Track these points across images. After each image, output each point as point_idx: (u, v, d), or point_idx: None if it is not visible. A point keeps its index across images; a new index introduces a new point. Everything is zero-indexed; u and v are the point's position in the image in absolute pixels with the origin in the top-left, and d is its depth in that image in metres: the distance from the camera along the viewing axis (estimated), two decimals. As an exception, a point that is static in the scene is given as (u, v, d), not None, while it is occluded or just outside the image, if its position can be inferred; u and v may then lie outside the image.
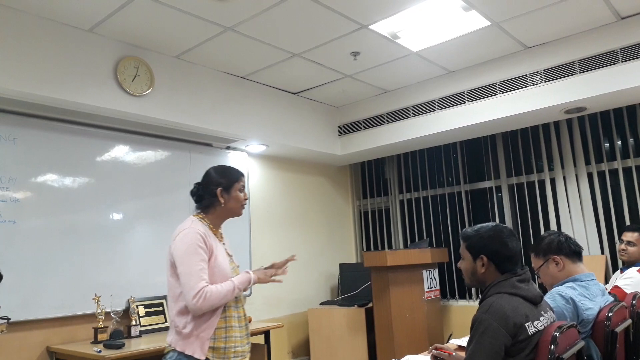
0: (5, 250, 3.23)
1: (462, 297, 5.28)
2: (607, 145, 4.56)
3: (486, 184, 5.22)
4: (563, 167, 4.68)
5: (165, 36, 3.64)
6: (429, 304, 4.59)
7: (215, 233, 2.19)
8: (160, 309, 3.91)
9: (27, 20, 3.20)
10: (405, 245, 5.70)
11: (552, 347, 1.59)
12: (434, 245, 5.37)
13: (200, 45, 3.80)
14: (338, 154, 5.41)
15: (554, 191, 4.74)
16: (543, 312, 1.74)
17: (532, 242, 2.83)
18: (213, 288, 2.02)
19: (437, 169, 5.60)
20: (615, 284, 3.14)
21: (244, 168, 4.60)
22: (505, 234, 1.83)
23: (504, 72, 4.27)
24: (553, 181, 4.75)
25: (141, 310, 3.77)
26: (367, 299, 4.80)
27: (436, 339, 4.43)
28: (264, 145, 4.85)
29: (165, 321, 3.88)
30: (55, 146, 3.57)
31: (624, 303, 2.27)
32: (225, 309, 2.10)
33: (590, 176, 4.56)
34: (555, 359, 1.59)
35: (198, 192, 2.22)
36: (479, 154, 5.32)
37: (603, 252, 4.42)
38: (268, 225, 5.09)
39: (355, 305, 4.79)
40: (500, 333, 1.60)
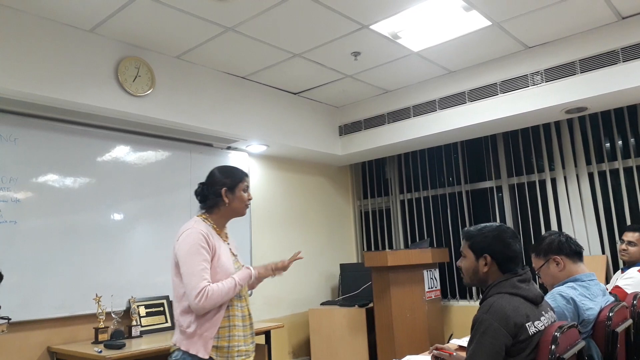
0: (6, 250, 3.24)
1: (463, 297, 5.28)
2: (608, 145, 4.56)
3: (487, 184, 5.22)
4: (564, 167, 4.68)
5: (166, 36, 3.64)
6: (430, 304, 4.59)
7: (219, 233, 2.21)
8: (161, 309, 3.92)
9: (28, 21, 3.20)
10: (406, 245, 5.70)
11: (553, 347, 1.59)
12: (435, 245, 5.37)
13: (201, 45, 3.80)
14: (339, 154, 5.42)
15: (554, 191, 4.73)
16: (544, 312, 1.75)
17: (533, 242, 2.83)
18: (214, 286, 2.03)
19: (438, 169, 5.59)
20: (616, 284, 3.14)
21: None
22: (509, 234, 1.84)
23: (505, 72, 4.27)
24: (554, 181, 4.75)
25: (142, 311, 3.77)
26: (368, 299, 4.80)
27: (437, 339, 4.43)
28: (264, 146, 4.85)
29: (166, 321, 3.89)
30: (56, 146, 3.57)
31: (624, 303, 2.27)
32: (228, 308, 2.11)
33: (591, 176, 4.55)
34: (555, 359, 1.59)
35: (202, 192, 2.23)
36: (479, 154, 5.31)
37: (604, 252, 4.42)
38: (268, 225, 5.09)
39: (356, 306, 4.79)
40: (501, 333, 1.60)
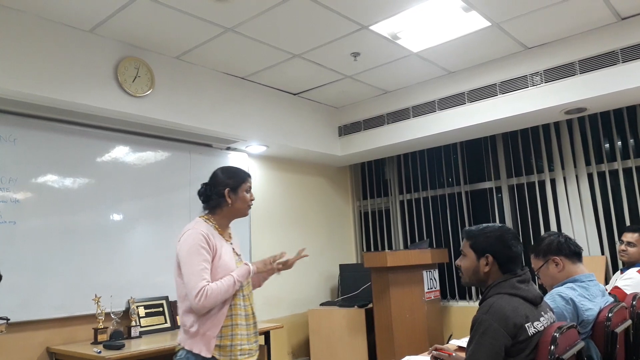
0: (5, 250, 3.23)
1: (462, 298, 5.28)
2: (607, 145, 4.56)
3: (486, 185, 5.22)
4: (563, 168, 4.68)
5: (166, 37, 3.64)
6: (429, 305, 4.59)
7: (221, 233, 2.23)
8: (160, 309, 3.91)
9: (28, 21, 3.20)
10: (406, 246, 5.69)
11: (552, 348, 1.59)
12: (434, 246, 5.37)
13: (201, 46, 3.80)
14: (338, 154, 5.42)
15: (554, 192, 4.73)
16: (543, 313, 1.75)
17: (532, 243, 2.83)
18: (213, 285, 2.04)
19: (437, 169, 5.60)
20: (615, 284, 3.14)
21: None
22: (511, 235, 1.85)
23: (504, 73, 4.27)
24: (553, 182, 4.75)
25: (141, 311, 3.77)
26: (367, 299, 4.80)
27: (436, 340, 4.43)
28: (264, 146, 4.85)
29: (165, 322, 3.89)
30: (56, 147, 3.57)
31: (624, 304, 2.27)
32: (231, 307, 2.12)
33: (590, 177, 4.56)
34: (555, 359, 1.59)
35: (206, 193, 2.25)
36: (479, 155, 5.31)
37: (603, 253, 4.42)
38: (268, 225, 5.09)
39: (355, 306, 4.79)
40: (500, 334, 1.61)
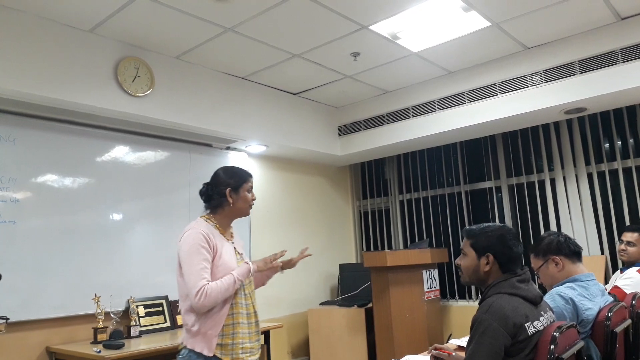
0: (5, 250, 3.23)
1: (462, 298, 5.29)
2: (607, 145, 4.56)
3: (486, 184, 5.23)
4: (563, 168, 4.68)
5: (166, 37, 3.64)
6: (429, 304, 4.59)
7: (223, 233, 2.23)
8: (160, 309, 3.91)
9: (28, 21, 3.20)
10: (405, 246, 5.70)
11: (552, 347, 1.59)
12: (434, 246, 5.37)
13: (201, 45, 3.80)
14: (338, 154, 5.42)
15: (553, 191, 4.73)
16: (543, 313, 1.75)
17: (532, 243, 2.83)
18: (213, 284, 2.05)
19: (437, 169, 5.60)
20: (614, 284, 3.14)
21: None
22: (511, 235, 1.85)
23: (504, 73, 4.28)
24: (553, 181, 4.75)
25: (141, 311, 3.77)
26: (367, 299, 4.80)
27: (436, 339, 4.43)
28: (264, 146, 4.85)
29: (165, 321, 3.89)
30: (55, 146, 3.57)
31: (623, 303, 2.27)
32: (232, 306, 2.13)
33: (590, 176, 4.56)
34: (554, 359, 1.59)
35: (207, 192, 2.26)
36: (479, 155, 5.32)
37: (603, 253, 4.42)
38: (268, 225, 5.09)
39: (355, 306, 4.79)
40: (500, 333, 1.61)
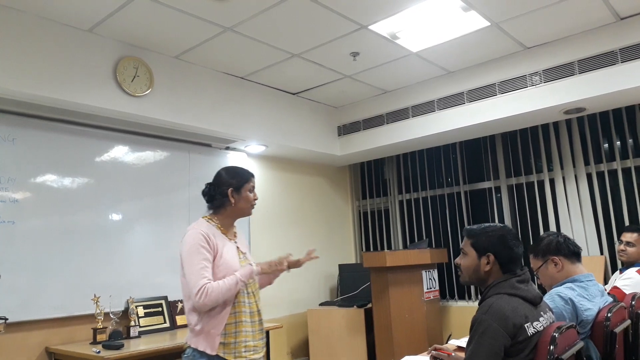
0: (4, 250, 3.23)
1: (462, 298, 5.28)
2: (606, 145, 4.56)
3: (485, 185, 5.23)
4: (562, 168, 4.68)
5: (165, 36, 3.64)
6: (428, 305, 4.59)
7: (225, 232, 2.25)
8: (160, 309, 3.91)
9: (27, 21, 3.20)
10: (405, 246, 5.69)
11: (551, 348, 1.59)
12: (434, 246, 5.37)
13: (200, 45, 3.80)
14: (337, 154, 5.41)
15: (553, 192, 4.74)
16: (542, 313, 1.75)
17: (531, 243, 2.83)
18: (214, 284, 2.06)
19: (437, 169, 5.60)
20: (614, 284, 3.14)
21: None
22: (512, 236, 1.86)
23: (504, 73, 4.27)
24: (552, 182, 4.75)
25: (140, 311, 3.76)
26: (367, 299, 4.80)
27: (435, 340, 4.43)
28: (263, 146, 4.85)
29: (165, 322, 3.89)
30: (55, 146, 3.57)
31: (623, 304, 2.27)
32: (235, 304, 2.15)
33: (589, 177, 4.56)
34: (554, 359, 1.59)
35: (210, 192, 2.28)
36: (478, 155, 5.32)
37: (602, 253, 4.42)
38: (267, 225, 5.09)
39: (355, 306, 4.79)
40: (500, 334, 1.61)
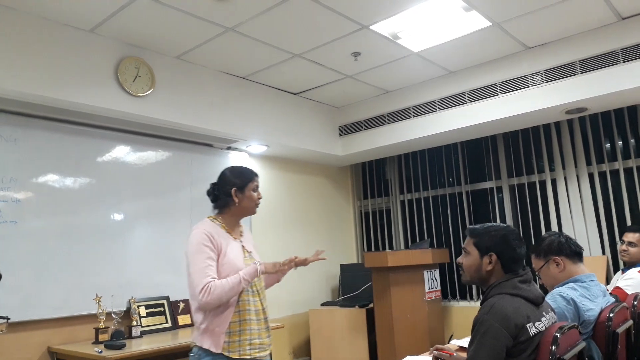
0: (6, 250, 3.23)
1: (463, 298, 5.28)
2: (608, 145, 4.56)
3: (487, 185, 5.22)
4: (564, 168, 4.68)
5: (166, 37, 3.64)
6: (430, 305, 4.59)
7: (230, 232, 2.27)
8: (162, 309, 3.92)
9: (29, 21, 3.20)
10: (406, 246, 5.69)
11: (553, 348, 1.59)
12: (435, 246, 5.37)
13: (201, 45, 3.80)
14: (339, 154, 5.41)
15: (554, 192, 4.73)
16: (544, 313, 1.75)
17: (533, 243, 2.83)
18: (218, 282, 2.08)
19: (438, 169, 5.59)
20: (616, 284, 3.14)
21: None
22: (515, 236, 1.87)
23: (505, 73, 4.27)
24: (554, 182, 4.74)
25: (142, 311, 3.77)
26: (368, 299, 4.80)
27: (437, 340, 4.43)
28: (264, 146, 4.85)
29: (166, 322, 3.89)
30: (57, 146, 3.57)
31: (625, 304, 2.27)
32: (239, 303, 2.17)
33: (591, 177, 4.55)
34: (556, 359, 1.59)
35: (214, 192, 2.31)
36: (479, 155, 5.31)
37: (604, 253, 4.42)
38: (269, 225, 5.08)
39: (356, 306, 4.79)
40: (502, 334, 1.61)
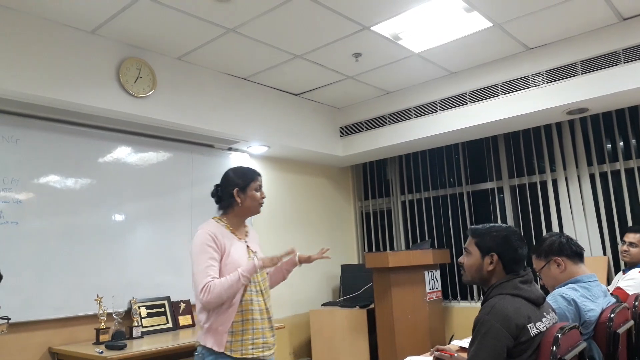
0: (7, 251, 3.24)
1: (464, 298, 5.28)
2: (609, 146, 4.55)
3: (488, 185, 5.22)
4: (565, 168, 4.67)
5: (168, 38, 3.65)
6: (431, 305, 4.59)
7: (234, 232, 2.29)
8: (162, 310, 3.92)
9: (31, 22, 3.21)
10: (407, 247, 5.69)
11: (554, 348, 1.59)
12: (436, 247, 5.37)
13: (203, 46, 3.81)
14: (340, 155, 5.41)
15: (555, 192, 4.73)
16: (545, 314, 1.75)
17: (534, 244, 2.83)
18: (217, 281, 2.10)
19: (439, 170, 5.59)
20: (617, 285, 3.14)
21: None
22: (517, 237, 1.87)
23: (506, 73, 4.27)
24: (555, 182, 4.74)
25: (143, 312, 3.77)
26: (369, 300, 4.80)
27: (438, 340, 4.43)
28: (265, 147, 4.85)
29: (167, 322, 3.90)
30: (58, 147, 3.58)
31: (626, 304, 2.27)
32: (242, 302, 2.19)
33: (592, 177, 4.55)
34: (557, 359, 1.59)
35: (218, 194, 2.33)
36: (480, 155, 5.31)
37: (605, 253, 4.41)
38: (270, 226, 5.08)
39: (357, 307, 4.79)
40: (503, 334, 1.61)
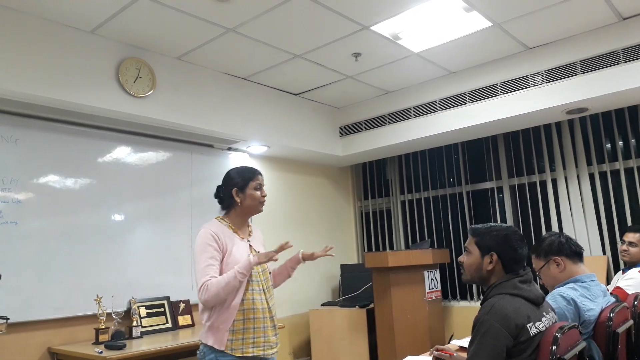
0: (7, 251, 3.24)
1: (464, 298, 5.28)
2: (609, 145, 4.56)
3: (487, 185, 5.22)
4: (565, 168, 4.67)
5: (167, 37, 3.65)
6: (431, 305, 4.59)
7: (236, 231, 2.31)
8: (162, 309, 3.92)
9: (30, 22, 3.21)
10: (407, 246, 5.69)
11: (554, 348, 1.59)
12: (435, 246, 5.37)
13: (202, 46, 3.81)
14: (339, 154, 5.41)
15: (555, 192, 4.73)
16: (545, 313, 1.75)
17: (534, 243, 2.83)
18: (214, 280, 2.12)
19: (439, 169, 5.59)
20: (616, 284, 3.14)
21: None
22: (517, 236, 1.87)
23: (506, 73, 4.27)
24: (555, 182, 4.74)
25: (142, 311, 3.77)
26: (369, 299, 4.80)
27: (437, 340, 4.43)
28: (265, 147, 4.85)
29: (167, 322, 3.89)
30: (57, 147, 3.58)
31: (625, 304, 2.27)
32: (243, 301, 2.19)
33: (591, 177, 4.55)
34: (556, 359, 1.59)
35: (219, 194, 2.35)
36: (480, 155, 5.31)
37: (605, 253, 4.41)
38: (269, 226, 5.06)
39: (357, 306, 4.79)
40: (502, 334, 1.61)
